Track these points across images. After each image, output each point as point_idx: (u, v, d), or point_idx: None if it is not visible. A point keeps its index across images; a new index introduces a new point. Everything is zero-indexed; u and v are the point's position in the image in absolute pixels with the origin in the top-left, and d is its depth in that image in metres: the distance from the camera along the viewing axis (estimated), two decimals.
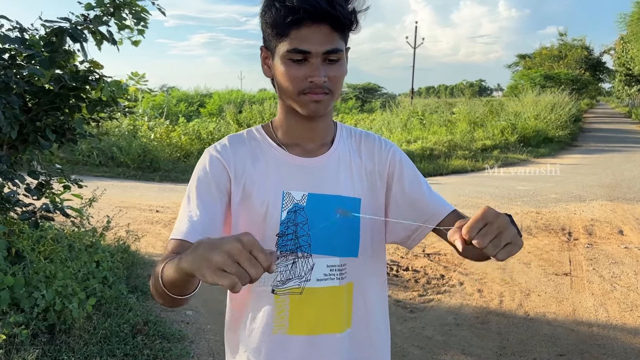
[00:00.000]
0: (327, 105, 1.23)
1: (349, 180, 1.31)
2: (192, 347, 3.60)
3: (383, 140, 1.41)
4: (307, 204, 1.26)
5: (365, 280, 1.33)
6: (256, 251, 0.84)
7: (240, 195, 1.26)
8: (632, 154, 14.98)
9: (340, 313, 1.28)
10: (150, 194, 9.13)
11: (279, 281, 1.26)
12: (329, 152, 1.32)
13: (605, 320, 4.18)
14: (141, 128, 13.05)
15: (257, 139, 1.34)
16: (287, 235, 1.24)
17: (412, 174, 1.36)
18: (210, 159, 1.28)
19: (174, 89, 30.77)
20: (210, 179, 1.25)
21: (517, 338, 3.86)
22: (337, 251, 1.27)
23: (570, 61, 40.52)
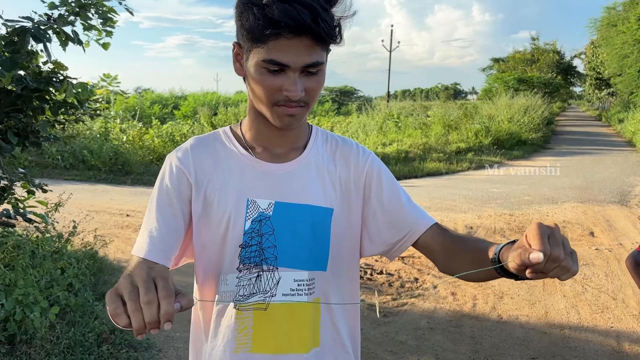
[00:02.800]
0: (300, 118, 1.15)
1: (321, 188, 1.22)
2: (160, 356, 3.51)
3: (361, 147, 1.31)
4: (273, 213, 1.17)
5: (334, 295, 1.24)
6: (160, 288, 0.82)
7: (202, 204, 1.17)
8: (603, 156, 15.23)
9: (307, 331, 1.20)
10: (121, 197, 8.95)
11: (242, 296, 1.17)
12: (300, 157, 1.23)
13: (576, 322, 4.20)
14: (113, 130, 12.82)
15: (222, 141, 1.25)
16: (251, 246, 1.16)
17: (391, 185, 1.27)
18: (170, 167, 1.20)
19: (149, 91, 30.39)
20: (169, 189, 1.17)
21: (490, 342, 3.85)
22: (306, 264, 1.18)
23: (543, 65, 41.19)
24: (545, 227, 0.83)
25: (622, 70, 25.49)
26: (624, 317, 4.28)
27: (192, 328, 1.28)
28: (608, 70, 29.75)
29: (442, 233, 1.22)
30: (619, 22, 24.97)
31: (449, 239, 1.20)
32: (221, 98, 26.13)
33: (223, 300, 1.19)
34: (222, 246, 1.17)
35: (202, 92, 28.78)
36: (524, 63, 42.04)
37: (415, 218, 1.24)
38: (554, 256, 0.81)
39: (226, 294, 1.18)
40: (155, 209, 1.16)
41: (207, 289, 1.21)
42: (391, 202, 1.25)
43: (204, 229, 1.18)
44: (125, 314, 0.79)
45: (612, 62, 26.82)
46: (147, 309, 0.78)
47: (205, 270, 1.20)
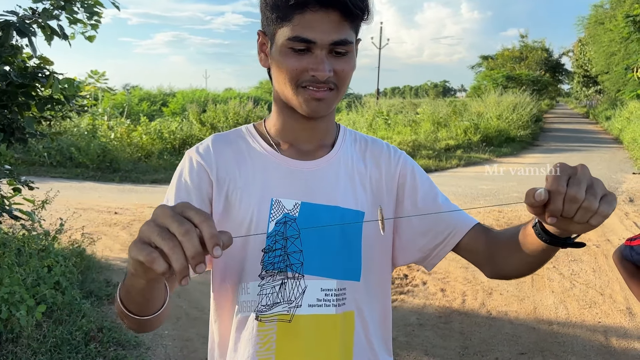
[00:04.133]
0: (330, 103, 1.06)
1: (351, 189, 1.12)
2: (149, 354, 3.48)
3: (392, 147, 1.23)
4: (299, 214, 1.07)
5: (369, 309, 1.14)
6: (193, 214, 0.67)
7: (223, 204, 1.08)
8: (590, 153, 15.34)
9: (336, 346, 1.08)
10: (109, 195, 8.88)
11: (265, 305, 1.07)
12: (328, 155, 1.14)
13: (565, 317, 4.22)
14: (101, 127, 12.71)
15: (245, 138, 1.16)
16: (275, 250, 1.06)
17: (427, 186, 1.18)
18: (190, 163, 1.11)
19: (137, 88, 30.19)
20: (189, 186, 1.09)
21: (480, 337, 3.86)
22: (335, 272, 1.08)
23: (531, 62, 41.45)
24: (567, 167, 0.75)
25: (609, 68, 25.68)
26: (612, 312, 4.31)
27: (209, 345, 1.19)
28: (595, 68, 29.96)
29: (484, 233, 1.12)
30: (607, 20, 25.15)
31: (491, 238, 1.10)
32: (210, 95, 26.01)
33: (243, 311, 1.09)
34: (243, 250, 1.07)
35: (190, 89, 28.63)
36: (512, 60, 42.28)
37: (454, 219, 1.13)
38: (571, 195, 0.73)
39: (247, 303, 1.08)
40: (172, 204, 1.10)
41: (225, 298, 1.12)
42: (426, 204, 1.15)
43: (224, 229, 1.10)
44: (162, 258, 0.65)
45: (600, 59, 27.02)
46: (187, 240, 0.64)
47: (224, 278, 1.11)
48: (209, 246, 0.65)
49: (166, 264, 0.65)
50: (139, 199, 8.37)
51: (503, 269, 1.07)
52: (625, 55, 21.55)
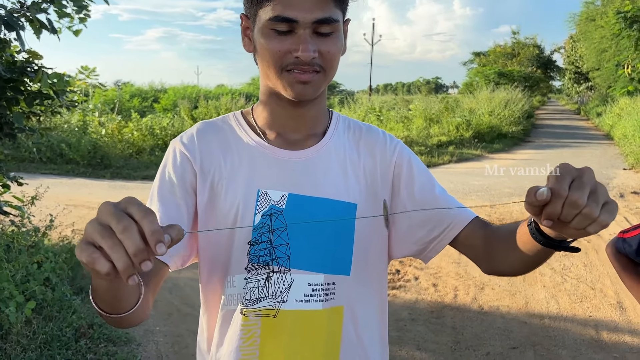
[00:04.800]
0: (317, 86, 1.01)
1: (342, 180, 1.08)
2: (140, 350, 3.46)
3: (388, 135, 1.18)
4: (286, 206, 1.04)
5: (360, 304, 1.10)
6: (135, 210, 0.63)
7: (208, 194, 1.05)
8: (581, 149, 15.41)
9: (321, 342, 1.06)
10: (100, 191, 8.83)
11: (249, 299, 1.04)
12: (318, 144, 1.10)
13: (556, 312, 4.24)
14: (91, 124, 12.63)
15: (232, 126, 1.12)
16: (261, 243, 1.03)
17: (424, 176, 1.13)
18: (174, 153, 1.09)
19: (128, 84, 30.03)
20: (172, 177, 1.06)
21: (472, 332, 3.87)
22: (323, 266, 1.05)
23: (523, 59, 41.57)
24: (571, 168, 0.71)
25: (600, 65, 25.79)
26: (602, 307, 4.33)
27: (198, 338, 1.17)
28: (587, 65, 30.09)
29: (482, 227, 1.07)
30: (598, 16, 25.25)
31: (489, 233, 1.06)
32: (202, 91, 25.91)
33: (229, 305, 1.06)
34: (229, 243, 1.05)
35: (182, 86, 28.51)
36: (504, 57, 42.40)
37: (452, 212, 1.09)
38: (572, 200, 0.68)
39: (232, 297, 1.06)
40: (156, 198, 1.04)
41: (212, 291, 1.10)
42: (424, 195, 1.11)
43: (210, 222, 1.06)
44: (104, 257, 0.62)
45: (591, 56, 27.13)
46: (126, 237, 0.61)
47: (211, 270, 1.09)
48: (151, 243, 0.61)
49: (109, 263, 0.62)
50: (131, 195, 8.31)
51: (499, 265, 1.04)
52: (616, 51, 21.66)
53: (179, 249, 1.03)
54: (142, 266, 0.62)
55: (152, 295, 0.97)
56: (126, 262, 0.61)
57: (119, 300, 0.83)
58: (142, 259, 0.62)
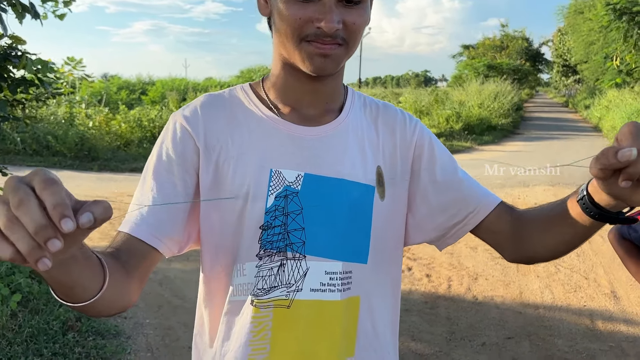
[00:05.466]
0: (338, 61, 0.93)
1: (360, 160, 1.00)
2: (129, 343, 3.38)
3: (407, 114, 1.09)
4: (302, 187, 0.95)
5: (376, 294, 1.03)
6: (37, 181, 0.53)
7: (213, 176, 0.95)
8: (570, 141, 15.46)
9: (337, 336, 0.98)
10: (87, 184, 8.70)
11: (261, 289, 0.95)
12: (336, 121, 1.01)
13: (550, 301, 4.21)
14: (78, 116, 12.45)
15: (240, 99, 1.02)
16: (274, 227, 0.94)
17: (445, 158, 1.06)
18: (174, 128, 0.98)
19: (115, 77, 29.71)
20: (171, 154, 0.96)
21: (466, 322, 3.83)
22: (341, 254, 0.96)
23: (512, 51, 41.70)
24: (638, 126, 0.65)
25: (588, 57, 25.87)
26: (596, 296, 4.31)
27: (195, 330, 1.07)
28: (575, 57, 30.19)
29: (508, 211, 1.01)
30: (586, 9, 25.33)
31: (517, 216, 1.00)
32: (190, 84, 25.70)
33: (237, 295, 0.97)
34: (238, 228, 0.95)
35: (170, 78, 28.22)
36: (493, 49, 42.49)
37: (477, 196, 1.02)
38: None
39: (242, 287, 0.97)
40: (151, 176, 0.95)
41: (217, 281, 1.00)
42: (446, 178, 1.03)
43: (214, 206, 0.97)
44: (4, 240, 0.52)
45: (579, 49, 27.22)
46: (23, 213, 0.51)
47: (216, 258, 0.99)
48: (54, 219, 0.51)
49: (11, 247, 0.52)
50: (118, 188, 8.21)
51: (532, 249, 0.97)
52: (604, 44, 21.72)
53: (171, 233, 0.93)
54: (49, 245, 0.51)
55: (139, 282, 0.88)
56: (28, 242, 0.51)
57: (70, 287, 0.70)
58: (46, 237, 0.51)
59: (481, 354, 3.39)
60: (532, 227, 0.96)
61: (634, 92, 18.73)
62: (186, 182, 0.96)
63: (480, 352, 3.41)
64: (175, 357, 3.31)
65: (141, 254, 0.89)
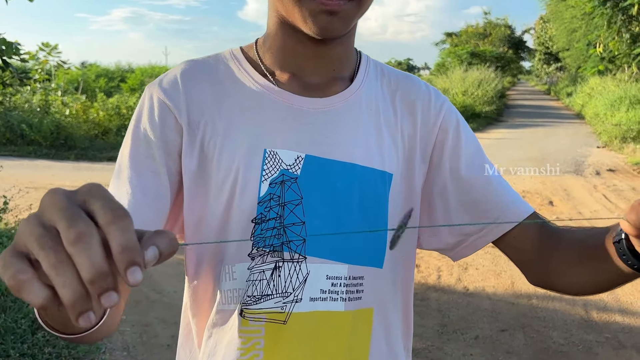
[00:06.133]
0: (348, 19, 0.77)
1: (375, 141, 0.83)
2: (104, 342, 3.18)
3: (432, 89, 0.91)
4: (302, 171, 0.79)
5: (393, 305, 0.87)
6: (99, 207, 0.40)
7: (197, 158, 0.80)
8: (554, 128, 15.46)
9: (343, 357, 0.81)
10: (64, 173, 8.42)
11: (251, 297, 0.79)
12: (346, 92, 0.84)
13: (543, 291, 4.07)
14: (54, 103, 12.09)
15: (229, 66, 0.85)
16: (268, 221, 0.78)
17: (473, 148, 0.88)
18: (150, 102, 0.81)
19: (94, 65, 29.13)
20: (150, 135, 0.80)
21: (458, 314, 3.70)
22: (348, 254, 0.80)
23: (494, 39, 41.76)
24: None
25: (570, 45, 25.93)
26: None
27: (180, 340, 0.91)
28: (557, 45, 30.28)
29: (539, 227, 0.84)
30: None
31: (549, 235, 0.82)
32: None
33: (225, 303, 0.81)
34: (226, 221, 0.79)
35: (150, 66, 27.74)
36: (476, 37, 42.52)
37: (505, 201, 0.84)
38: None
39: (231, 293, 0.80)
40: (127, 164, 0.79)
41: (203, 285, 0.84)
42: (471, 173, 0.86)
43: (199, 195, 0.80)
44: (37, 280, 0.39)
45: (561, 36, 27.25)
46: (81, 252, 0.37)
47: (201, 257, 0.84)
48: (119, 265, 0.38)
49: (47, 290, 0.38)
50: (96, 177, 7.94)
51: (558, 280, 0.82)
52: (586, 31, 21.74)
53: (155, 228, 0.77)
54: (103, 300, 0.38)
55: (125, 294, 0.73)
56: (77, 290, 0.38)
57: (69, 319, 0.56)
58: (103, 288, 0.38)
59: (475, 348, 3.25)
60: (561, 254, 0.80)
61: (617, 79, 18.81)
62: (169, 169, 0.80)
63: (473, 346, 3.27)
64: (154, 355, 3.13)
65: None
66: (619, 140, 11.51)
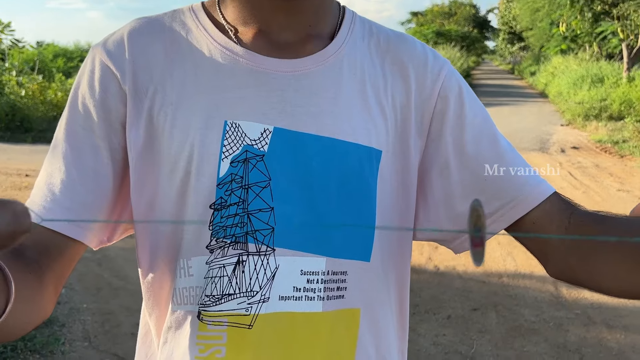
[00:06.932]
0: None
1: (360, 111, 0.70)
2: (64, 332, 3.04)
3: (430, 50, 0.77)
4: (270, 147, 0.66)
5: (383, 305, 0.74)
6: None
7: (145, 130, 0.67)
8: (518, 106, 15.63)
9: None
10: (20, 156, 8.09)
11: (210, 296, 0.67)
12: (324, 52, 0.71)
13: (513, 269, 4.10)
14: (9, 84, 11.59)
15: (187, 23, 0.72)
16: (230, 207, 0.66)
17: (480, 120, 0.74)
18: (92, 66, 0.69)
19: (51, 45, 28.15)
20: (88, 104, 0.68)
21: (430, 294, 3.66)
22: (326, 246, 0.68)
23: (460, 18, 42.00)
24: None
25: (533, 24, 26.19)
26: None
27: (138, 340, 0.79)
28: (520, 25, 30.55)
29: (565, 210, 0.69)
30: None
31: (578, 219, 0.68)
32: None
33: (181, 304, 0.69)
34: (180, 206, 0.67)
35: None
36: (442, 16, 42.68)
37: (519, 181, 0.70)
38: None
39: (187, 292, 0.69)
40: (62, 137, 0.69)
41: (158, 282, 0.72)
42: (479, 148, 0.72)
43: (149, 175, 0.68)
44: None
45: (525, 16, 27.47)
46: None
47: (154, 251, 0.71)
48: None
49: None
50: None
51: (593, 276, 0.67)
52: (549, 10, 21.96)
53: (95, 217, 0.67)
54: None
55: (54, 287, 0.63)
56: None
57: None
58: None
59: (447, 328, 3.22)
60: (604, 249, 0.64)
61: (579, 58, 19.08)
62: (113, 144, 0.69)
63: (446, 326, 3.24)
64: (117, 344, 3.00)
65: (57, 250, 0.64)
66: (581, 118, 11.69)
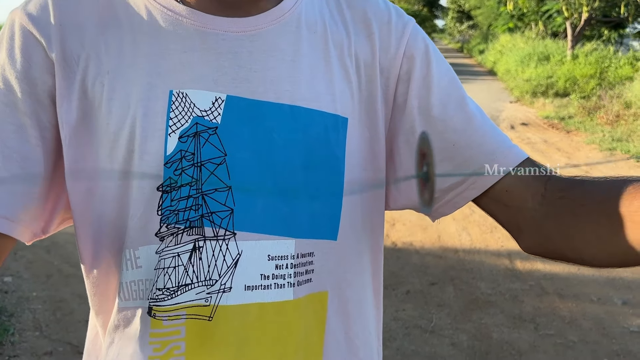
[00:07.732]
0: None
1: (322, 75, 0.64)
2: (13, 322, 2.90)
3: (394, 8, 0.70)
4: (223, 119, 0.59)
5: (352, 285, 0.69)
6: None
7: (78, 104, 0.59)
8: (468, 84, 15.87)
9: (292, 357, 0.64)
10: None
11: (162, 289, 0.60)
12: (277, 8, 0.63)
13: (469, 244, 4.17)
14: None
15: None
16: (181, 188, 0.59)
17: (447, 81, 0.69)
18: (11, 32, 0.59)
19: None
20: (9, 77, 0.58)
21: (388, 270, 3.68)
22: (293, 226, 0.62)
23: None
24: None
25: (481, 3, 26.62)
26: None
27: (87, 344, 0.71)
28: (469, 3, 30.98)
29: (540, 176, 0.64)
30: None
31: (554, 186, 0.63)
32: None
33: (128, 300, 0.63)
34: (124, 191, 0.60)
35: None
36: None
37: (490, 145, 0.66)
38: None
39: (135, 286, 0.62)
40: None
41: (102, 276, 0.65)
42: (446, 111, 0.67)
43: (85, 156, 0.60)
44: None
45: None
46: None
47: (96, 242, 0.64)
48: None
49: None
50: None
51: (577, 247, 0.61)
52: None
53: (26, 207, 0.58)
54: None
55: None
56: None
57: None
58: None
59: (407, 303, 3.25)
60: (586, 212, 0.59)
61: (525, 36, 19.50)
62: (41, 122, 0.60)
63: (405, 301, 3.27)
64: (70, 332, 2.89)
65: None
66: (529, 95, 11.97)
